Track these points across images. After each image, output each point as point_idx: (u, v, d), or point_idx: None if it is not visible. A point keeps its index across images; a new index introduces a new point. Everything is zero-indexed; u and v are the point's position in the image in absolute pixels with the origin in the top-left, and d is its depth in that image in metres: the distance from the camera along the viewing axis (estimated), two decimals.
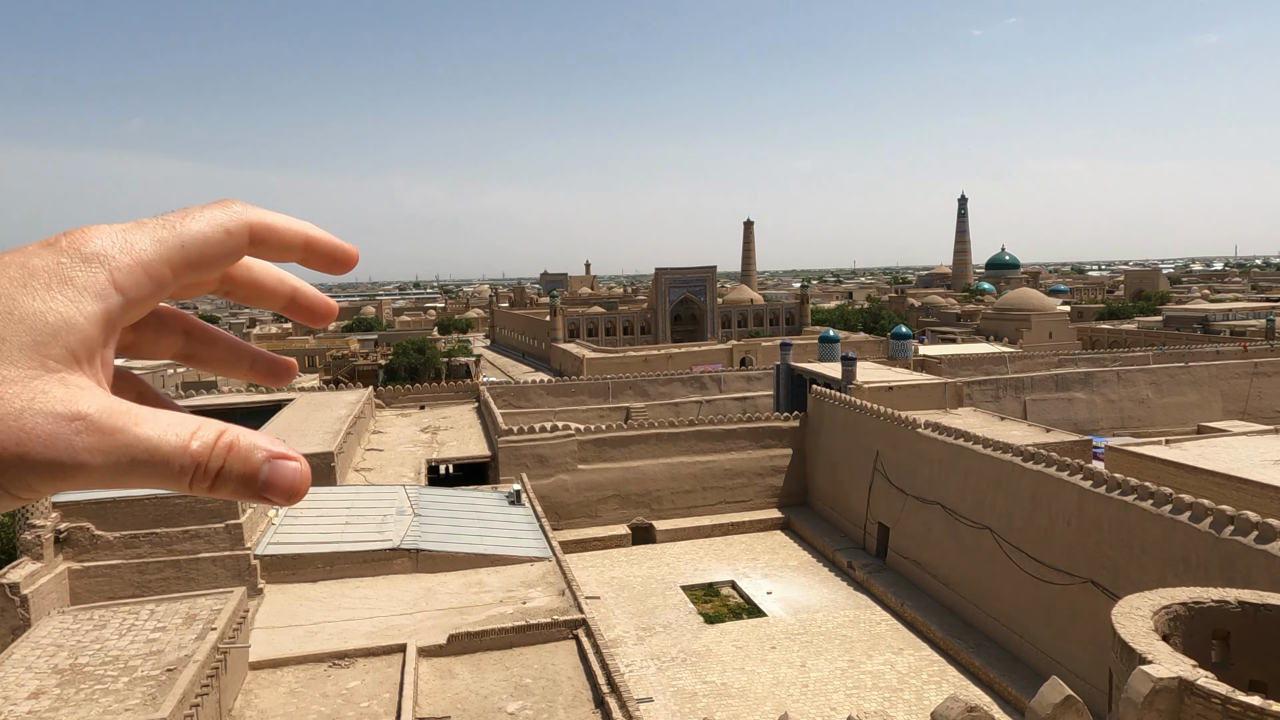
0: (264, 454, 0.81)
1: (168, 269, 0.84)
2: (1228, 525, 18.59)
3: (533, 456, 37.09)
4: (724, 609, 30.00)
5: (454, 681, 19.17)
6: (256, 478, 0.81)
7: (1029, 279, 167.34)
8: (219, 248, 0.87)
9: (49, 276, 0.79)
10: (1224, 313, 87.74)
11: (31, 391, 0.75)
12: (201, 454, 0.78)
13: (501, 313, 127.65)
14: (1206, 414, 47.52)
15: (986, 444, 27.80)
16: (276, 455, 0.82)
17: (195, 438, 0.79)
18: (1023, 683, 22.90)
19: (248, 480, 0.80)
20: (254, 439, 0.82)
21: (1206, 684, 10.00)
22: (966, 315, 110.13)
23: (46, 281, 0.78)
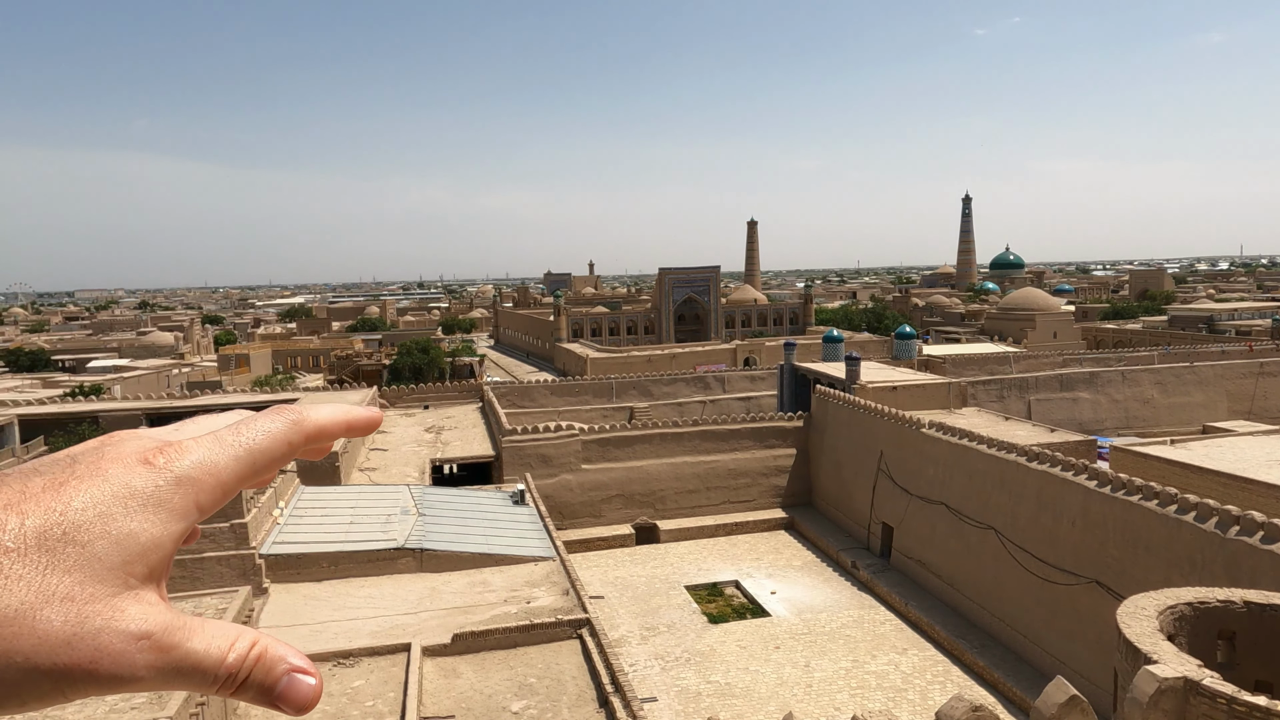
0: (285, 668, 0.89)
1: (239, 484, 0.93)
2: (1233, 525, 18.54)
3: (537, 456, 37.13)
4: (728, 609, 30.00)
5: (458, 681, 19.20)
6: (275, 689, 0.88)
7: (1033, 279, 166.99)
8: (282, 460, 0.97)
9: (147, 499, 0.85)
10: (1229, 312, 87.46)
11: (112, 610, 0.80)
12: (235, 666, 0.86)
13: (505, 313, 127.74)
14: (1212, 414, 47.37)
15: (991, 444, 27.76)
16: (296, 670, 0.89)
17: (233, 650, 0.86)
18: (1027, 683, 22.86)
19: (266, 690, 0.88)
20: (281, 651, 0.89)
21: (1212, 684, 9.98)
22: (971, 315, 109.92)
23: (143, 503, 0.84)
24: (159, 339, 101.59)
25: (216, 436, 0.92)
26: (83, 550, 0.80)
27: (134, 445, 0.89)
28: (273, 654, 0.88)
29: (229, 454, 0.91)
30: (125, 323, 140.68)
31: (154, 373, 73.05)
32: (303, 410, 1.00)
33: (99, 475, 0.84)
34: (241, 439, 0.93)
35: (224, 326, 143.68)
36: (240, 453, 0.92)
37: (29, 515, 0.79)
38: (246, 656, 0.86)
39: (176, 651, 0.82)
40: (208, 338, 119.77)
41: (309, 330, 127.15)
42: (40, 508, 0.80)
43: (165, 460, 0.87)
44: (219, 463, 0.90)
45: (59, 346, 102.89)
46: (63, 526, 0.80)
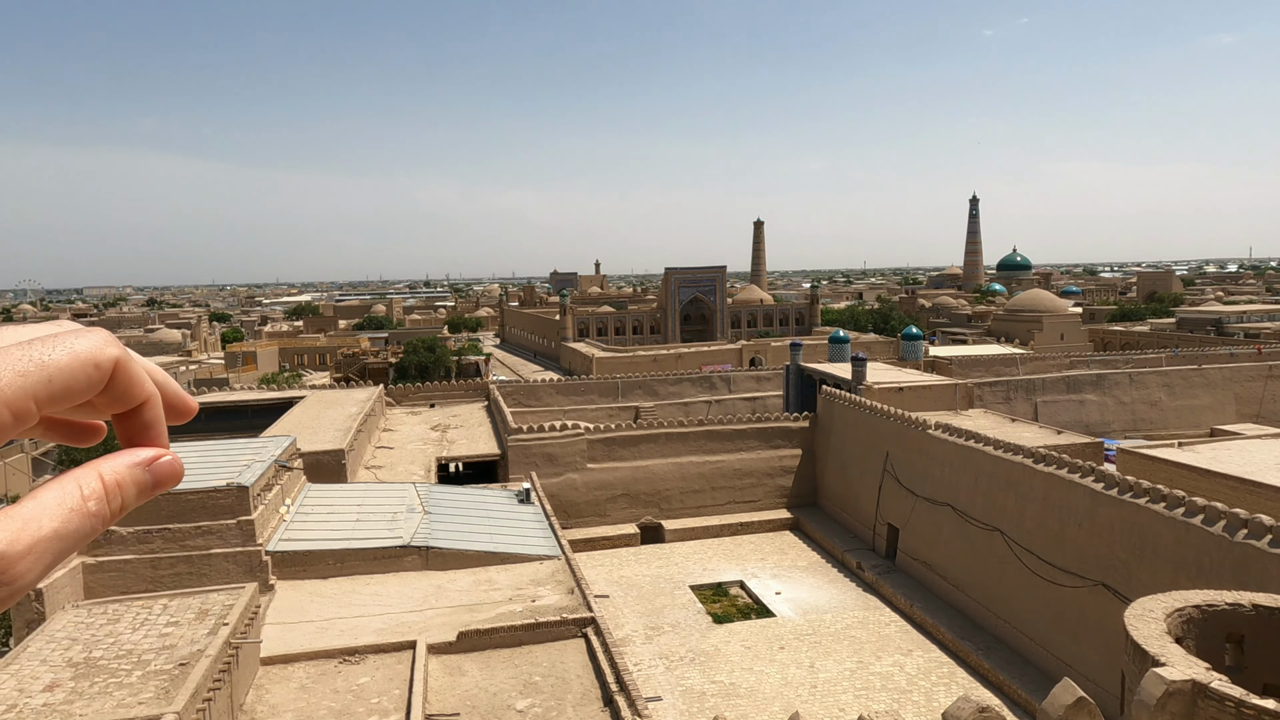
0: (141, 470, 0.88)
1: (32, 403, 0.82)
2: (1241, 529, 18.45)
3: (542, 455, 37.16)
4: (733, 609, 29.98)
5: (463, 679, 19.23)
6: (148, 488, 0.89)
7: (1041, 280, 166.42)
8: (84, 383, 0.87)
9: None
10: (1238, 315, 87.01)
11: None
12: (99, 508, 0.84)
13: (511, 312, 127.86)
14: (1220, 417, 47.16)
15: (997, 445, 27.68)
16: (149, 461, 0.90)
17: (87, 499, 0.84)
18: (1033, 685, 22.80)
19: (143, 494, 0.89)
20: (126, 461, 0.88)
21: (1220, 687, 9.94)
22: (977, 316, 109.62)
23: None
24: (166, 336, 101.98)
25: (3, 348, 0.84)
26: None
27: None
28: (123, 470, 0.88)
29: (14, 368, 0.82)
30: (133, 320, 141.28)
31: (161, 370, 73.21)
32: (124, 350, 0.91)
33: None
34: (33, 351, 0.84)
35: (231, 324, 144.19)
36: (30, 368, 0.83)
37: None
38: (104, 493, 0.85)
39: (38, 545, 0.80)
40: (215, 335, 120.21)
41: (316, 328, 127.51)
42: None
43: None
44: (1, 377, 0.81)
45: None
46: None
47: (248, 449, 27.75)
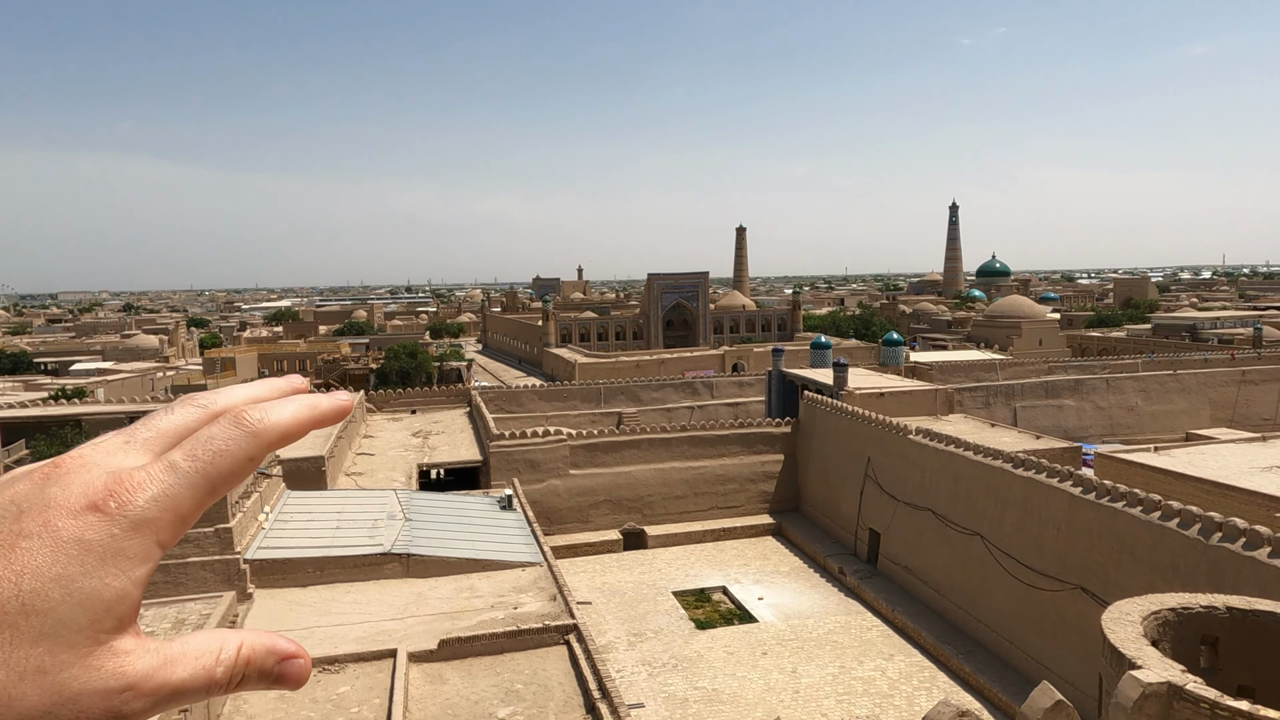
0: (274, 659, 0.90)
1: (198, 512, 0.87)
2: (1216, 532, 18.71)
3: (524, 461, 37.04)
4: (715, 614, 29.99)
5: (445, 687, 19.10)
6: (269, 678, 0.90)
7: (1019, 286, 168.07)
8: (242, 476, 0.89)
9: (104, 551, 0.79)
10: (1212, 321, 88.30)
11: (87, 673, 0.78)
12: (224, 678, 0.86)
13: (493, 317, 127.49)
14: (1195, 421, 47.82)
15: (977, 450, 27.91)
16: (285, 656, 0.91)
17: (219, 663, 0.86)
18: (1013, 688, 22.96)
19: (261, 681, 0.89)
20: (267, 644, 0.90)
21: (1195, 689, 10.06)
22: (957, 322, 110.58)
23: (101, 557, 0.79)
24: (143, 342, 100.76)
25: (171, 464, 0.84)
26: (45, 619, 0.76)
27: (80, 486, 0.81)
28: (260, 651, 0.89)
29: (185, 484, 0.84)
30: (109, 325, 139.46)
31: (138, 376, 72.46)
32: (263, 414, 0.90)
33: (48, 532, 0.78)
34: (198, 465, 0.85)
35: (209, 329, 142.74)
36: (198, 480, 0.85)
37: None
38: (234, 665, 0.87)
39: (164, 689, 0.82)
40: (193, 341, 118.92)
41: (295, 334, 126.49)
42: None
43: (117, 504, 0.81)
44: (176, 496, 0.83)
45: (41, 349, 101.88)
46: (20, 599, 0.75)
47: None
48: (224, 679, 0.86)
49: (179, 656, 0.84)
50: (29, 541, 0.78)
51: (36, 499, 0.80)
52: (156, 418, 0.90)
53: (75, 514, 0.80)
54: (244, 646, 0.88)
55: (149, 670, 0.81)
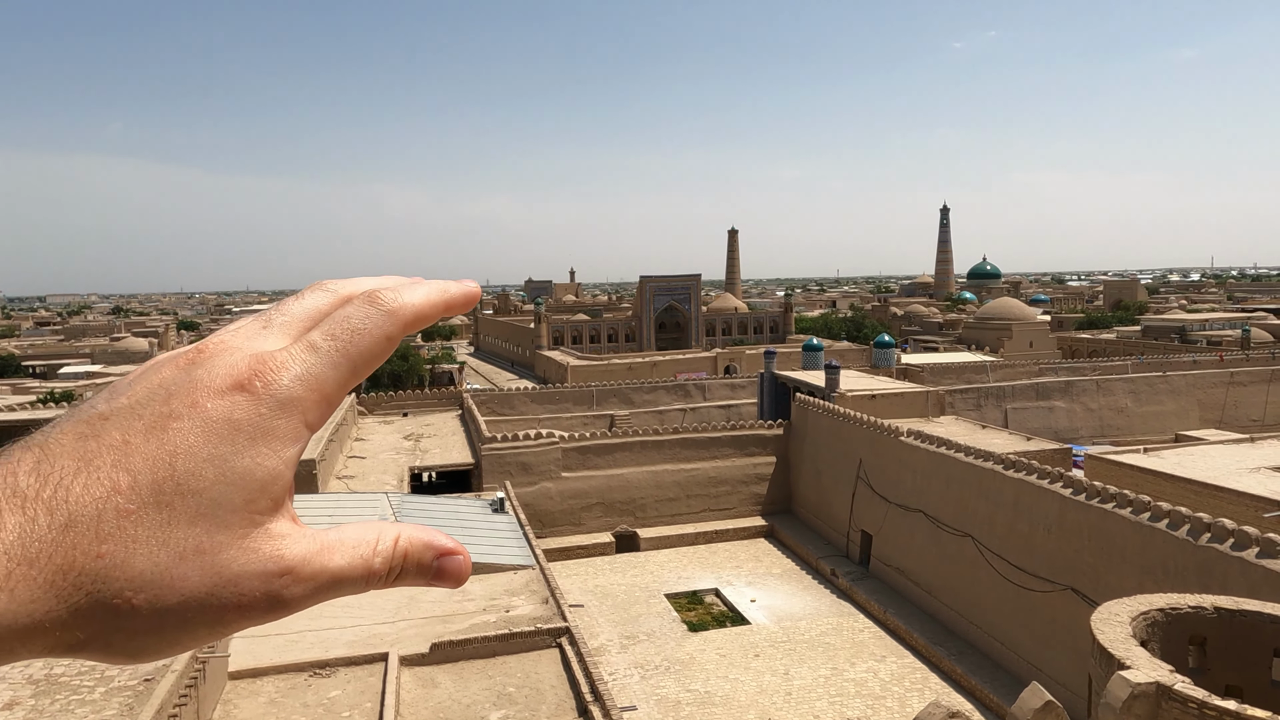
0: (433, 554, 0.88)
1: (341, 392, 0.86)
2: (1204, 532, 18.83)
3: (516, 464, 36.99)
4: (708, 617, 30.00)
5: (436, 691, 19.05)
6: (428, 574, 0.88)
7: (1010, 288, 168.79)
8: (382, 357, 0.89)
9: (253, 430, 0.79)
10: (1201, 323, 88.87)
11: (245, 553, 0.77)
12: (382, 569, 0.85)
13: (486, 320, 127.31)
14: (1184, 423, 48.11)
15: (968, 452, 28.01)
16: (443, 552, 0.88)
17: (376, 554, 0.84)
18: (1004, 689, 23.04)
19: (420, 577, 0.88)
20: (424, 539, 0.87)
21: (1183, 689, 10.12)
22: (949, 324, 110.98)
23: (251, 436, 0.79)
24: (133, 345, 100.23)
25: (311, 344, 0.84)
26: (201, 498, 0.75)
27: (225, 368, 0.80)
28: (418, 545, 0.87)
29: (327, 363, 0.83)
30: (98, 328, 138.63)
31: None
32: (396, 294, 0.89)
33: (197, 412, 0.77)
34: (338, 344, 0.84)
35: (200, 332, 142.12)
36: (339, 359, 0.84)
37: (139, 471, 0.74)
38: (392, 557, 0.85)
39: (322, 575, 0.81)
40: (183, 343, 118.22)
41: None
42: (148, 461, 0.75)
43: (263, 384, 0.80)
44: (319, 374, 0.82)
45: (29, 352, 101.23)
46: (175, 479, 0.75)
47: None
48: (382, 570, 0.84)
49: (336, 544, 0.83)
50: (179, 422, 0.77)
51: (183, 381, 0.80)
52: (289, 303, 0.89)
53: (222, 394, 0.79)
54: (401, 539, 0.86)
55: (306, 554, 0.80)
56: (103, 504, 0.72)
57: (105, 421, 0.77)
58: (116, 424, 0.77)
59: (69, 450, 0.74)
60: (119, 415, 0.77)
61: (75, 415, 0.78)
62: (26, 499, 0.71)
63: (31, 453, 0.74)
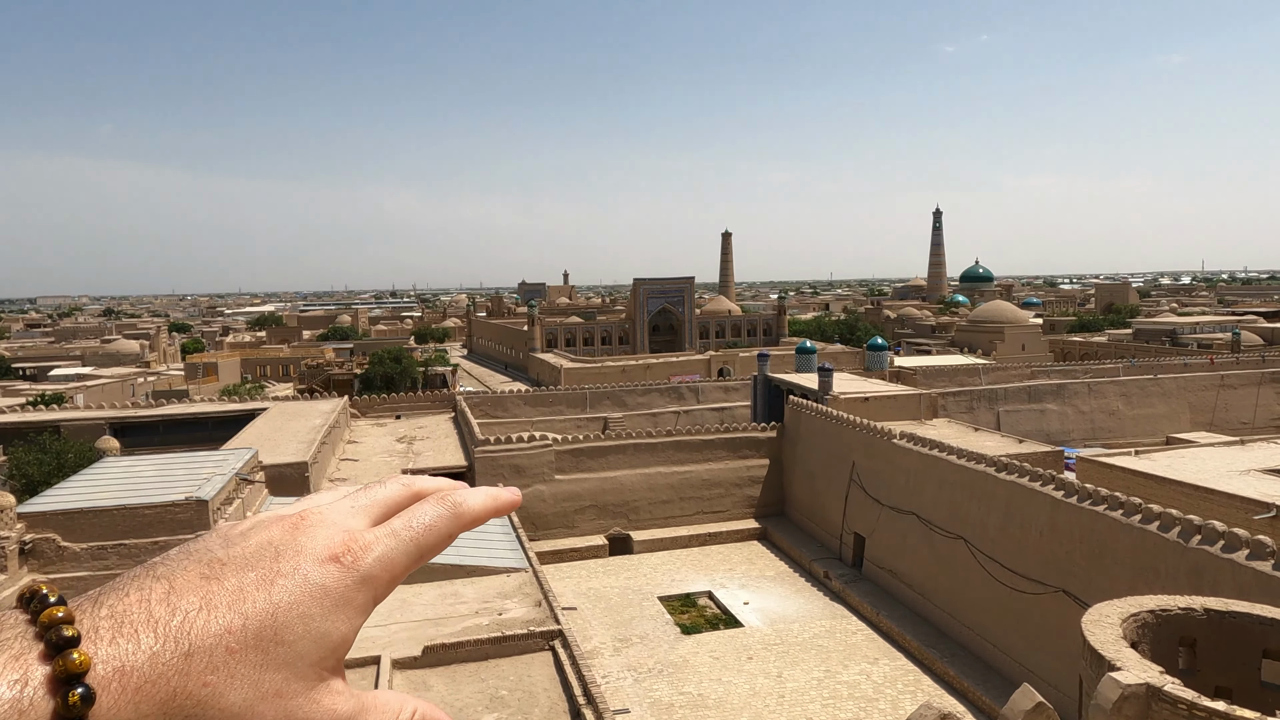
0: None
1: (406, 574, 1.01)
2: (1195, 535, 18.91)
3: (509, 467, 36.93)
4: (701, 619, 29.99)
5: (428, 694, 18.98)
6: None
7: (1002, 292, 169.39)
8: (440, 549, 1.05)
9: (338, 598, 0.93)
10: (1191, 326, 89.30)
11: (310, 702, 0.89)
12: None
13: (479, 322, 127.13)
14: (1175, 425, 48.33)
15: (961, 455, 28.08)
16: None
17: None
18: (995, 691, 23.09)
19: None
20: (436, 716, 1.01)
21: (1173, 690, 10.16)
22: (941, 327, 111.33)
23: (335, 603, 0.92)
24: (124, 347, 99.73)
25: (393, 532, 0.99)
26: (289, 649, 0.88)
27: (325, 539, 0.95)
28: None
29: (402, 549, 0.99)
30: (89, 330, 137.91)
31: (118, 381, 71.70)
32: (462, 497, 1.07)
33: (300, 574, 0.91)
34: (413, 534, 1.00)
35: (191, 335, 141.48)
36: (411, 548, 0.99)
37: (249, 617, 0.86)
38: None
39: None
40: (174, 346, 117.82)
41: (279, 339, 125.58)
42: (256, 609, 0.87)
43: (352, 559, 0.94)
44: (395, 559, 0.97)
45: (20, 354, 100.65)
46: (274, 628, 0.87)
47: (208, 462, 27.22)
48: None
49: (371, 707, 0.95)
50: (285, 580, 0.90)
51: (290, 544, 0.94)
52: (374, 489, 1.06)
53: (321, 562, 0.93)
54: (417, 713, 0.99)
55: (351, 713, 0.92)
56: (217, 641, 0.84)
57: (224, 567, 0.90)
58: (233, 571, 0.90)
59: (194, 588, 0.87)
60: (235, 563, 0.91)
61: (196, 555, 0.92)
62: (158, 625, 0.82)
63: (161, 584, 0.87)
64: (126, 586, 0.86)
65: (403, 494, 1.06)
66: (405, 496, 1.06)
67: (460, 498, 1.06)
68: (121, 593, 0.85)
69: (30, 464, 34.61)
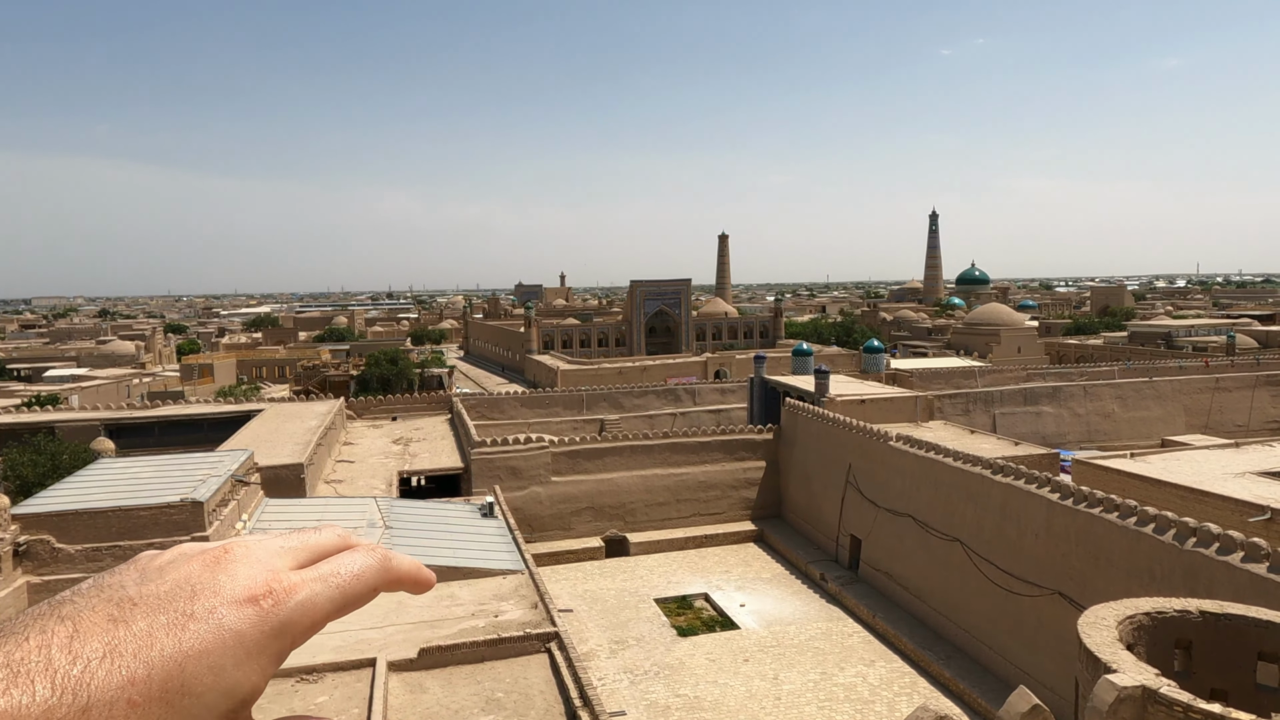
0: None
1: (327, 622, 0.97)
2: (1190, 537, 18.95)
3: (506, 468, 36.90)
4: (697, 622, 29.97)
5: (424, 696, 18.95)
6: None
7: (998, 294, 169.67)
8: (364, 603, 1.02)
9: (252, 648, 0.89)
10: (1186, 329, 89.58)
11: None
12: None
13: (476, 324, 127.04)
14: (1170, 428, 48.46)
15: (957, 457, 28.12)
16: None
17: None
18: (992, 693, 23.11)
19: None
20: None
21: (1169, 692, 10.18)
22: (937, 329, 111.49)
23: (249, 651, 0.89)
24: (119, 348, 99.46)
25: (320, 576, 0.96)
26: (196, 701, 0.84)
27: (245, 579, 0.92)
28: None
29: (327, 595, 0.96)
30: (84, 331, 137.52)
31: (113, 382, 71.49)
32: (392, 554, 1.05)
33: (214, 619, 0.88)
34: (340, 581, 0.97)
35: (187, 336, 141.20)
36: (336, 594, 0.96)
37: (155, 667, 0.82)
38: None
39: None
40: (170, 347, 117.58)
41: (275, 340, 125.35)
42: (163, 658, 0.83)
43: (273, 602, 0.91)
44: (318, 605, 0.94)
45: (14, 355, 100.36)
46: (181, 679, 0.83)
47: (203, 463, 27.16)
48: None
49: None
50: (197, 625, 0.86)
51: (208, 582, 0.90)
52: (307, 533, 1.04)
53: (238, 604, 0.89)
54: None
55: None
56: (119, 693, 0.79)
57: (134, 609, 0.86)
58: (144, 613, 0.86)
59: (100, 631, 0.83)
60: (146, 604, 0.87)
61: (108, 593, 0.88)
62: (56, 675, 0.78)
63: (65, 626, 0.82)
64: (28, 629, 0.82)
65: (335, 543, 1.04)
66: (337, 546, 1.03)
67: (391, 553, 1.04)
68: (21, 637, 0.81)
69: (25, 465, 34.52)
